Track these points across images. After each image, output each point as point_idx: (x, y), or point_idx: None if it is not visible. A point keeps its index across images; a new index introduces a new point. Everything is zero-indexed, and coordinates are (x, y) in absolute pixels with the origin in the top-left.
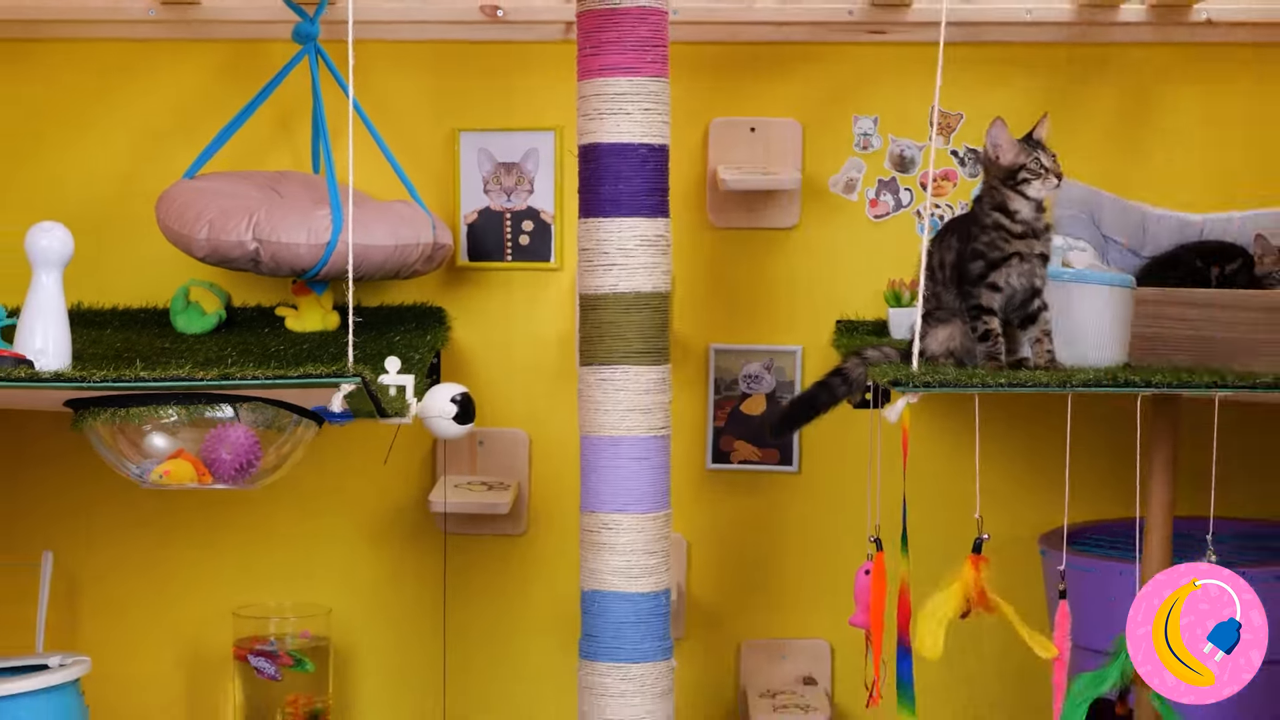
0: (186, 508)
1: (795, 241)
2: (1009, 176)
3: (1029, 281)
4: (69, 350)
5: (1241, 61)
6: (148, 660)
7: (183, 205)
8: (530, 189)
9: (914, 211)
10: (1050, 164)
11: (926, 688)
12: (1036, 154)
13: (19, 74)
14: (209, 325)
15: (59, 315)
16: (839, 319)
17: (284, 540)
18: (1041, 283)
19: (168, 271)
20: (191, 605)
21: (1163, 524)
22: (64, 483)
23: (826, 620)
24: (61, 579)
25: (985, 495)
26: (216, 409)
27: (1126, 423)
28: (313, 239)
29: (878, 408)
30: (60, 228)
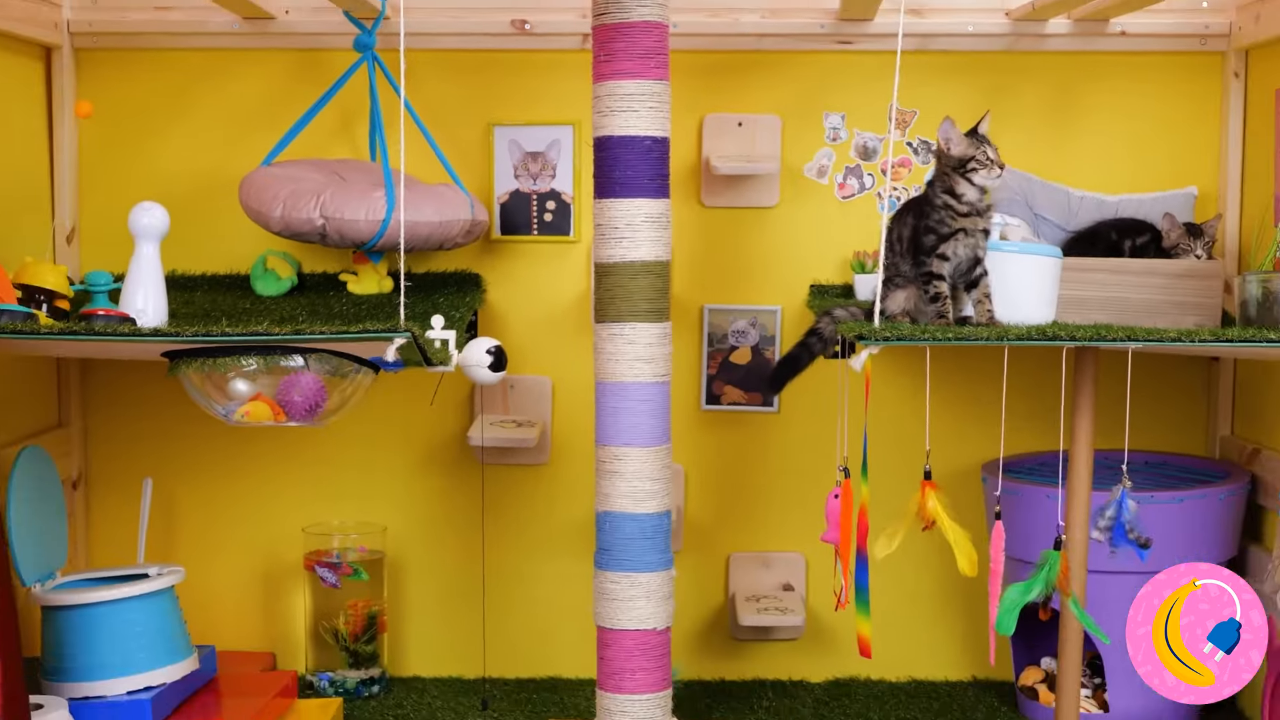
0: (264, 442)
1: (775, 218)
2: (959, 166)
3: (972, 252)
4: (165, 310)
5: (1150, 67)
6: (231, 570)
7: (261, 188)
8: (553, 174)
9: (875, 193)
10: (994, 156)
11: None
12: (984, 147)
13: (126, 78)
14: (283, 289)
15: (157, 280)
16: (812, 283)
17: (346, 469)
18: (983, 253)
19: (248, 243)
20: (267, 524)
21: (1085, 455)
22: (161, 421)
23: (802, 536)
24: (159, 502)
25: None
26: (289, 359)
27: (1054, 371)
28: (370, 216)
29: (845, 358)
30: (158, 207)
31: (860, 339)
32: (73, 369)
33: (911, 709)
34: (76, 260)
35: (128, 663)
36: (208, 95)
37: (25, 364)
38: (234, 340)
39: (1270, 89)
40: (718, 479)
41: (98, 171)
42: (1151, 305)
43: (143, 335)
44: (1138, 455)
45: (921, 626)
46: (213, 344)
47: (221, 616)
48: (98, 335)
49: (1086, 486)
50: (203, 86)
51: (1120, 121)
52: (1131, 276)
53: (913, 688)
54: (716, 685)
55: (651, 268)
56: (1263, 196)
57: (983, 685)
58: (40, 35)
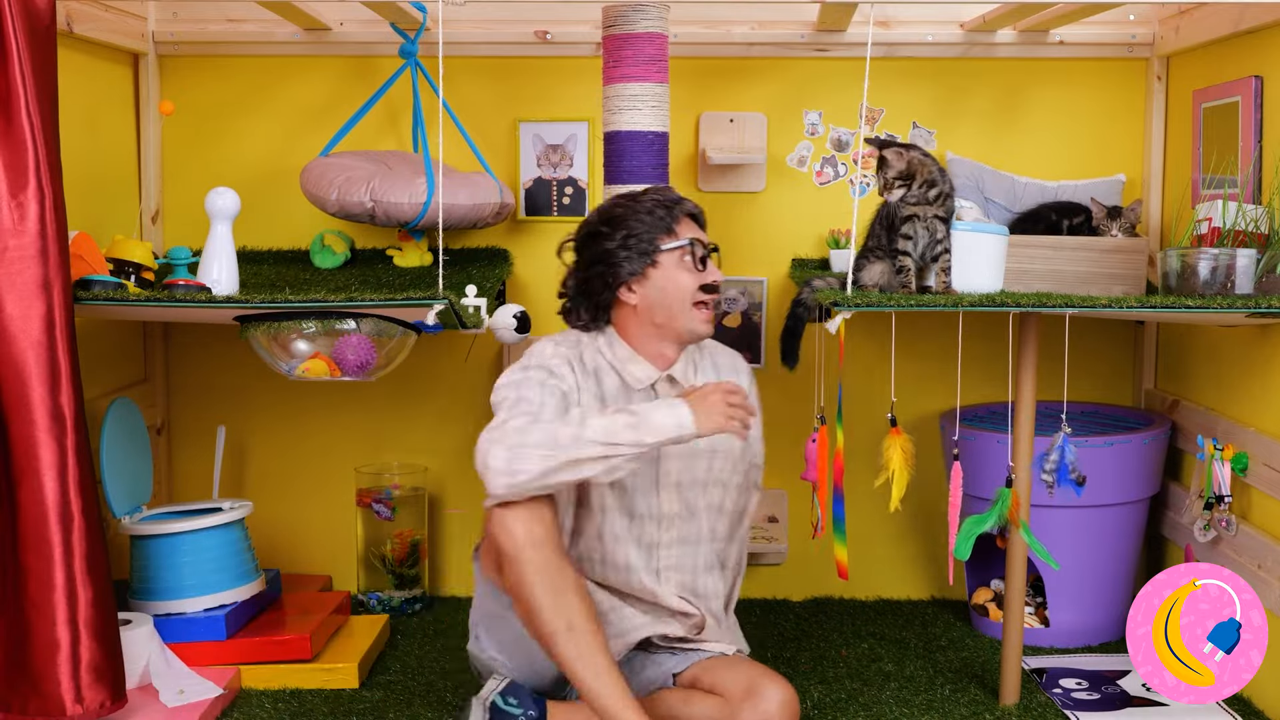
0: (321, 394)
1: (762, 202)
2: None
3: (929, 235)
4: (237, 280)
5: (1085, 71)
6: (293, 504)
7: (319, 175)
8: (571, 164)
9: (848, 180)
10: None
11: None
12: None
13: (203, 80)
14: (338, 262)
15: (229, 255)
16: (793, 257)
17: (391, 417)
18: (941, 234)
19: (308, 223)
20: (324, 464)
21: (1029, 405)
22: (233, 376)
23: (785, 476)
24: (232, 446)
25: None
26: (343, 323)
27: (1002, 333)
28: (413, 199)
29: (821, 322)
30: (231, 191)
31: (835, 305)
32: (156, 331)
33: (879, 624)
34: (160, 238)
35: (204, 584)
36: (273, 96)
37: (116, 327)
38: (296, 306)
39: (1188, 90)
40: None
41: (178, 161)
42: (1086, 276)
43: (217, 302)
44: (1075, 405)
45: (888, 552)
46: (277, 309)
47: (285, 544)
48: (178, 302)
49: (1030, 432)
50: (269, 88)
51: (1059, 118)
52: (1068, 251)
53: (880, 605)
54: None
55: None
56: (1181, 182)
57: (940, 603)
58: (129, 44)
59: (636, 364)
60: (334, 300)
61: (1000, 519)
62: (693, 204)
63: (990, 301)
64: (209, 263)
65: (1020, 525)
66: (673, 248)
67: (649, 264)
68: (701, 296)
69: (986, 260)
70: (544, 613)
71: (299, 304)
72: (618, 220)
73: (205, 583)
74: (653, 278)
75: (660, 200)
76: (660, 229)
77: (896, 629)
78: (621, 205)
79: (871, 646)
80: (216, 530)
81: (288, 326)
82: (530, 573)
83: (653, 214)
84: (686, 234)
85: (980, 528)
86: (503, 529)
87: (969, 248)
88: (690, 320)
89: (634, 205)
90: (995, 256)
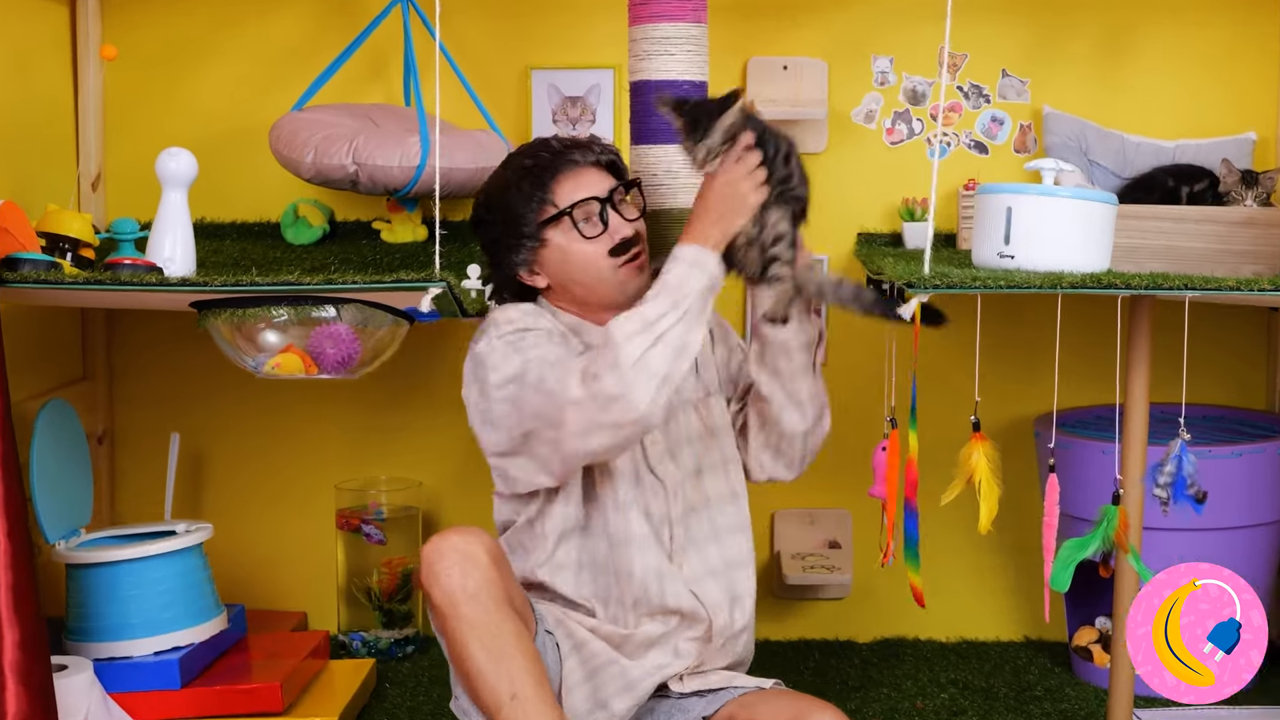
0: (295, 395)
1: (822, 165)
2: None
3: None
4: (194, 258)
5: (1209, 7)
6: (261, 527)
7: (292, 133)
8: (593, 120)
9: (924, 139)
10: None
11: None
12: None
13: (153, 20)
14: (314, 237)
15: (185, 228)
16: (859, 231)
17: (379, 422)
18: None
19: (278, 191)
20: (298, 479)
21: (1141, 408)
22: (190, 373)
23: (848, 492)
24: (186, 458)
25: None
26: (321, 309)
27: (1109, 321)
28: (404, 162)
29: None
30: (186, 153)
31: (910, 286)
32: (97, 320)
33: (962, 669)
34: (101, 208)
35: (154, 622)
36: (237, 38)
37: (49, 315)
38: (264, 290)
39: None
40: None
41: (123, 117)
42: (1210, 254)
43: (170, 285)
44: (1195, 408)
45: (971, 584)
46: (242, 294)
47: (251, 575)
48: (124, 285)
49: (1142, 440)
50: (232, 29)
51: (1178, 64)
52: (1189, 224)
53: (963, 648)
54: (761, 645)
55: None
56: None
57: (1035, 645)
58: None
59: (587, 330)
60: (310, 283)
61: (1105, 543)
62: (583, 147)
63: (1095, 283)
64: (160, 238)
65: (1129, 550)
66: (551, 219)
67: (536, 245)
68: (618, 261)
69: (1090, 234)
70: (485, 678)
71: (268, 287)
72: (494, 200)
73: (155, 621)
74: (547, 259)
75: (529, 164)
76: (534, 203)
77: (983, 676)
78: (498, 175)
79: (953, 697)
80: (169, 558)
81: (255, 314)
82: (464, 631)
83: (521, 186)
84: (571, 193)
85: (1081, 554)
86: (432, 579)
87: (1069, 219)
88: (613, 286)
89: (505, 175)
90: (1101, 229)
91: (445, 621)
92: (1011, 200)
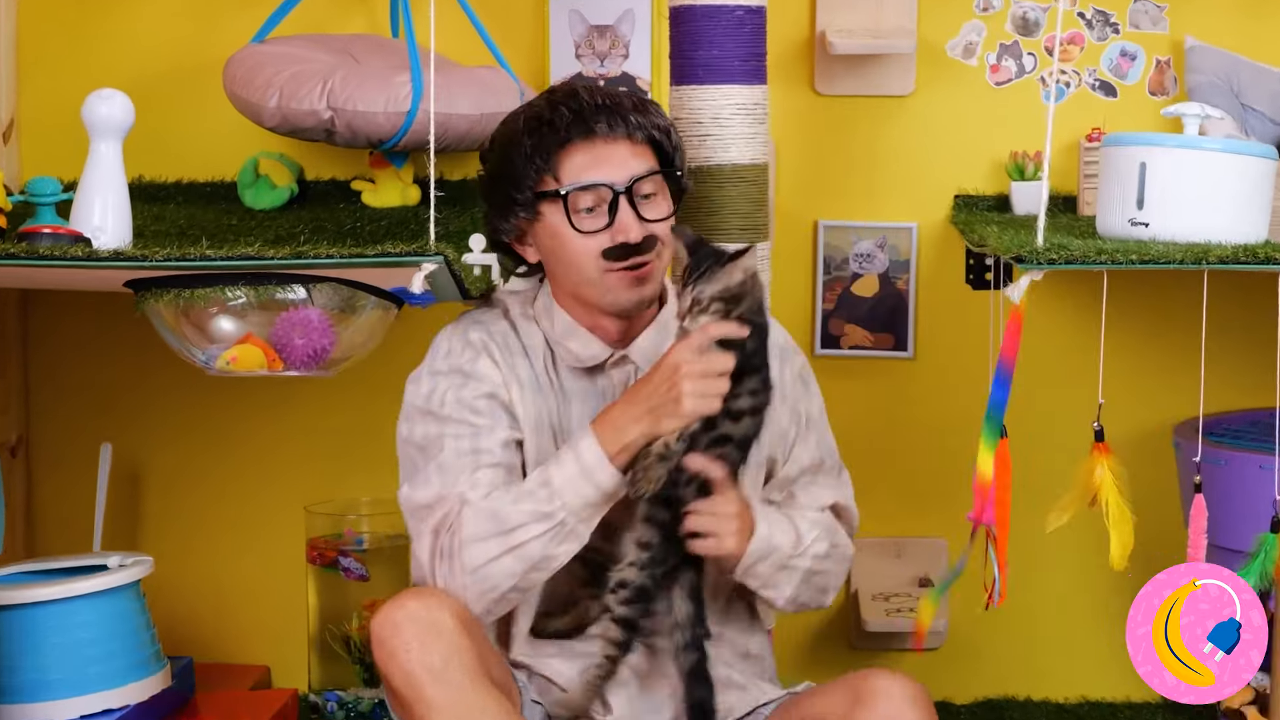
0: (255, 397)
1: (910, 109)
2: None
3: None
4: (129, 227)
5: None
6: (213, 560)
7: (251, 71)
8: (625, 54)
9: (1038, 78)
10: None
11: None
12: None
13: None
14: (279, 200)
15: (119, 189)
16: (957, 193)
17: (359, 431)
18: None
19: (235, 143)
20: (259, 501)
21: None
22: (124, 370)
23: (943, 516)
24: (121, 473)
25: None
26: (288, 290)
27: (1268, 304)
28: (391, 107)
29: (998, 287)
30: (120, 95)
31: (1019, 261)
32: (9, 303)
33: None
34: (15, 164)
35: (82, 679)
36: None
37: None
38: (217, 266)
39: None
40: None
41: (43, 53)
42: None
43: (100, 260)
44: None
45: (1096, 631)
46: (189, 270)
47: (201, 620)
48: (42, 260)
49: None
50: None
51: None
52: None
53: (1085, 710)
54: None
55: (745, 173)
56: None
57: (1175, 708)
58: None
59: (577, 338)
60: (274, 257)
61: (1264, 580)
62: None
63: (1250, 256)
64: (88, 200)
65: None
66: (547, 194)
67: (530, 217)
68: (609, 265)
69: (1243, 196)
70: None
71: (222, 262)
72: (498, 143)
73: (83, 677)
74: (539, 234)
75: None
76: (534, 169)
77: None
78: (514, 116)
79: None
80: (98, 599)
81: (205, 296)
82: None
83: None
84: (579, 172)
85: None
86: (387, 658)
87: (1218, 176)
88: (600, 292)
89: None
90: (1256, 190)
91: (410, 710)
92: (1145, 154)
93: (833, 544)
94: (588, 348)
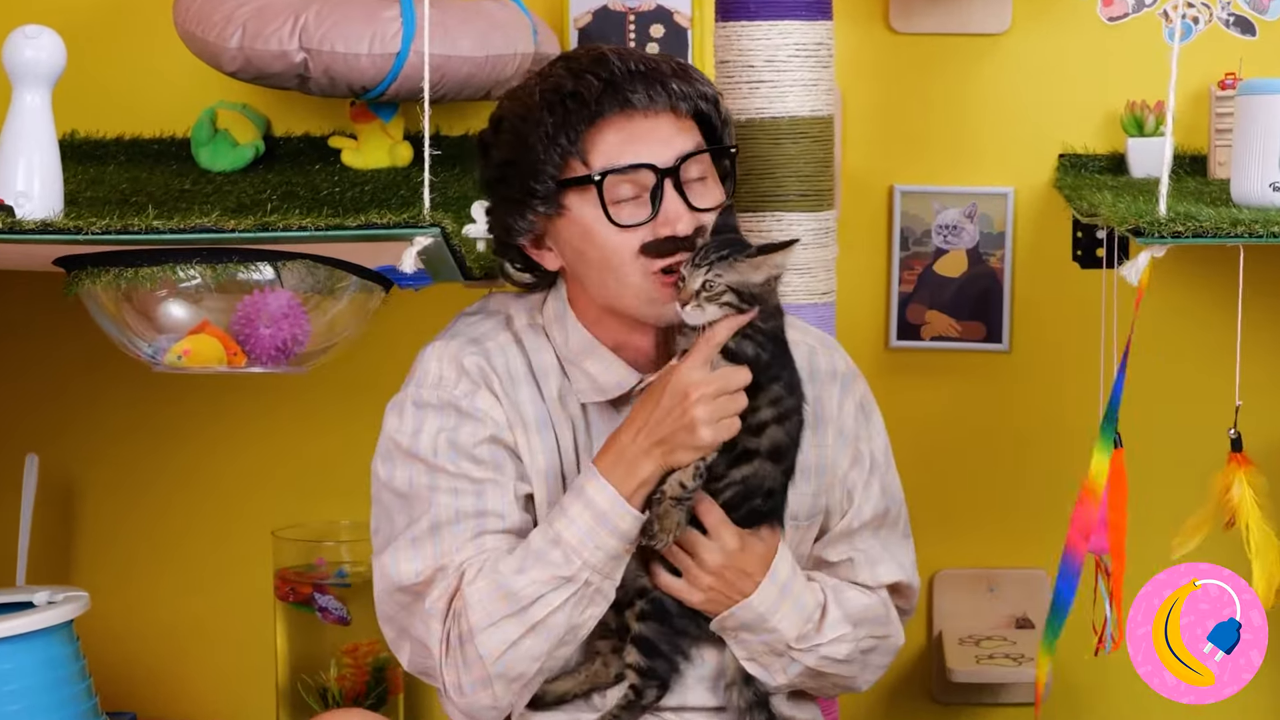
0: (213, 398)
1: (1005, 51)
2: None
3: None
4: (60, 193)
5: None
6: (161, 596)
7: (209, 5)
8: None
9: (1160, 11)
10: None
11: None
12: None
13: None
14: (242, 160)
15: (47, 147)
16: (1062, 152)
17: (337, 440)
18: None
19: (188, 91)
20: (218, 524)
21: None
22: (55, 366)
23: (1043, 544)
24: (51, 491)
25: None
26: (252, 269)
27: None
28: (377, 48)
29: (1111, 266)
30: (49, 33)
31: (1136, 234)
32: None
33: None
34: None
35: None
36: None
37: None
38: (166, 240)
39: None
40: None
41: None
42: None
43: (25, 232)
44: None
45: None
46: (133, 245)
47: (147, 667)
48: None
49: None
50: None
51: None
52: None
53: None
54: None
55: (806, 127)
56: None
57: None
58: None
59: (596, 359)
60: (235, 229)
61: None
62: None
63: None
64: (10, 161)
65: None
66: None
67: (550, 212)
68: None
69: None
70: None
71: (172, 235)
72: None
73: None
74: (562, 233)
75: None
76: (557, 151)
77: None
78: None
79: None
80: (23, 642)
81: (151, 276)
82: None
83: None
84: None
85: None
86: None
87: None
88: (638, 296)
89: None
90: None
91: None
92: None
93: (868, 646)
94: (609, 373)
